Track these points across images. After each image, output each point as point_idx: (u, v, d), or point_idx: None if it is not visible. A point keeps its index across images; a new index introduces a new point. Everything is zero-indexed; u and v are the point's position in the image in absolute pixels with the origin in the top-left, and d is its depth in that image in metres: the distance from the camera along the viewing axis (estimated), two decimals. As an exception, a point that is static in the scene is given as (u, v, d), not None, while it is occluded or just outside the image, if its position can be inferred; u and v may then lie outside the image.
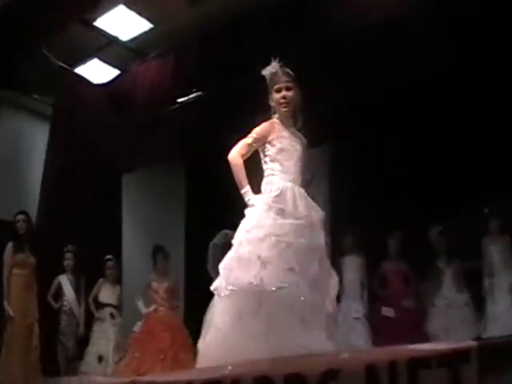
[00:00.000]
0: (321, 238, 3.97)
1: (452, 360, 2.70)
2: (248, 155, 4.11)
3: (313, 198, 4.14)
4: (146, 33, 8.43)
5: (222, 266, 3.96)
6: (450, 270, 7.37)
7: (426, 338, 6.81)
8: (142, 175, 9.53)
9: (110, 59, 9.09)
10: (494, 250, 7.07)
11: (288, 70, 4.21)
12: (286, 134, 4.15)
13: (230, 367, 3.20)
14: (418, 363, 2.75)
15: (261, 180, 4.16)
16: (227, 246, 5.77)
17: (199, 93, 8.13)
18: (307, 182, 4.48)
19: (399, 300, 7.41)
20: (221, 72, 7.69)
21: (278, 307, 3.65)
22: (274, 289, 3.66)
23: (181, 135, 8.52)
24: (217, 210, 8.62)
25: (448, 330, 6.95)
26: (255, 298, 3.69)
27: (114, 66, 9.19)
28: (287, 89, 4.15)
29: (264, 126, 4.16)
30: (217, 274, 4.08)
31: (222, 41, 7.82)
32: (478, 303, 7.03)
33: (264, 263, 3.75)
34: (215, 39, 7.93)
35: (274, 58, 4.20)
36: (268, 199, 3.95)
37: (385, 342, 6.19)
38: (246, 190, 4.00)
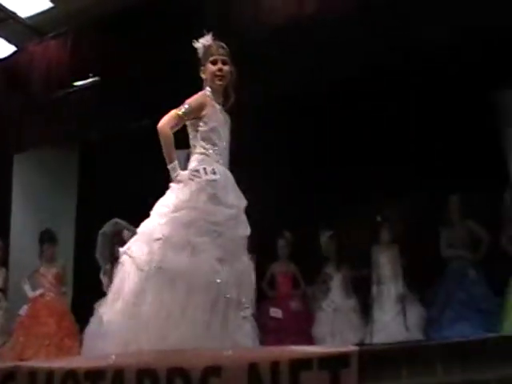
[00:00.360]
0: (247, 230, 3.83)
1: (332, 363, 2.77)
2: (177, 128, 3.91)
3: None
4: (45, 11, 8.13)
5: (144, 237, 3.74)
6: (339, 276, 7.46)
7: (312, 341, 6.93)
8: (35, 158, 9.25)
9: (7, 35, 8.75)
10: (383, 259, 7.20)
11: (223, 44, 4.09)
12: (218, 110, 3.99)
13: (113, 357, 3.17)
14: (300, 364, 2.81)
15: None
16: (117, 234, 5.75)
17: (96, 78, 7.95)
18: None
19: (287, 302, 7.47)
20: (119, 57, 7.53)
21: (203, 300, 3.51)
22: (204, 280, 3.52)
23: (76, 119, 8.30)
24: (109, 198, 8.50)
25: (334, 334, 7.04)
26: (182, 285, 3.51)
27: (11, 42, 8.86)
28: (223, 62, 4.02)
29: (197, 98, 3.97)
30: (105, 261, 4.00)
31: (123, 25, 7.66)
32: (366, 310, 7.14)
33: (195, 249, 3.58)
34: (115, 23, 7.76)
35: (208, 32, 4.09)
36: (202, 181, 3.77)
37: (272, 342, 6.24)
38: (174, 165, 3.82)
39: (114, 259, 4.33)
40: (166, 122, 3.85)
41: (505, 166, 7.04)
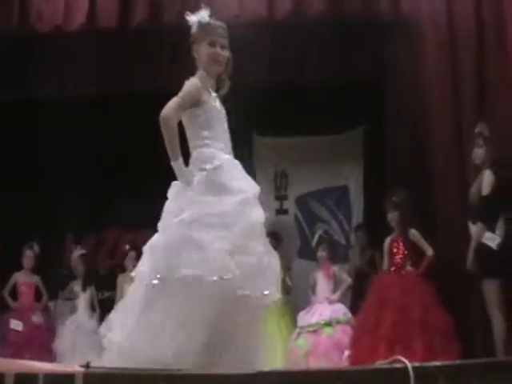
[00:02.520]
0: (261, 216, 3.39)
1: (58, 381, 2.74)
2: (179, 119, 3.42)
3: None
4: None
5: (150, 249, 3.35)
6: (85, 295, 7.52)
7: (52, 356, 6.90)
8: None
9: None
10: (127, 288, 7.27)
11: (225, 25, 3.65)
12: (214, 96, 3.56)
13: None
14: (25, 379, 2.73)
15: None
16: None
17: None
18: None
19: (29, 314, 7.31)
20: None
21: (212, 301, 3.15)
22: (214, 278, 3.11)
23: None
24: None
25: (75, 352, 7.00)
26: (189, 289, 3.15)
27: None
28: (222, 47, 3.57)
29: (195, 83, 3.50)
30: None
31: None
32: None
33: (199, 246, 3.18)
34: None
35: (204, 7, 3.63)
36: (203, 173, 3.36)
37: (12, 355, 6.13)
38: (180, 162, 3.38)
39: None
40: (171, 112, 3.36)
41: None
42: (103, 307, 7.55)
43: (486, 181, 5.24)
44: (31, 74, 7.32)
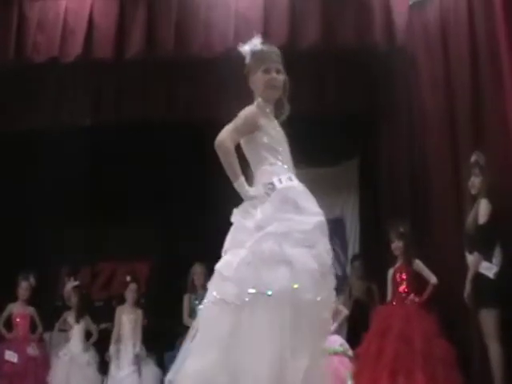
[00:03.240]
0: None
1: None
2: (235, 144, 3.36)
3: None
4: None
5: (228, 271, 3.17)
6: (79, 326, 7.47)
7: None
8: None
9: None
10: (125, 319, 7.36)
11: (278, 51, 3.59)
12: (273, 119, 3.53)
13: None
14: None
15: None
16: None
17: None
18: None
19: (24, 345, 7.25)
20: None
21: (311, 320, 3.04)
22: (310, 297, 3.02)
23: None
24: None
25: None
26: (287, 310, 3.01)
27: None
28: (277, 71, 3.52)
29: (251, 109, 3.46)
30: None
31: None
32: (104, 364, 7.30)
33: (292, 263, 3.06)
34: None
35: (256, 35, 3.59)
36: (280, 191, 3.28)
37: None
38: (242, 181, 3.29)
39: None
40: (225, 136, 3.32)
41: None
42: (100, 338, 7.58)
43: (483, 210, 5.23)
44: (26, 106, 7.35)
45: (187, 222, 8.06)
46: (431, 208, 6.41)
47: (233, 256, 3.23)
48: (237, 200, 3.41)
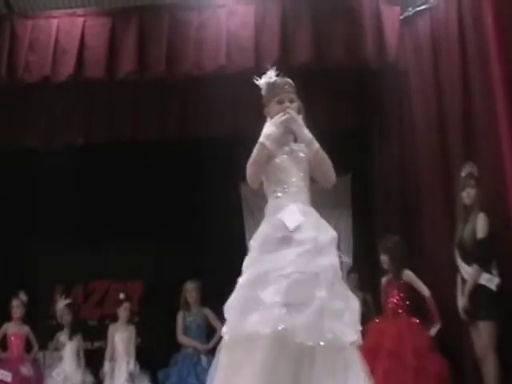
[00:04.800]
0: (328, 260, 3.36)
1: None
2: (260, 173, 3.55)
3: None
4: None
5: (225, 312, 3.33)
6: (72, 345, 7.44)
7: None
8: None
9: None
10: (118, 337, 7.35)
11: (291, 81, 3.74)
12: (285, 150, 3.63)
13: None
14: None
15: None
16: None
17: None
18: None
19: (18, 365, 7.23)
20: None
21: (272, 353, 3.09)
22: (267, 331, 3.09)
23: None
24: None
25: None
26: (247, 346, 3.13)
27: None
28: (290, 101, 3.65)
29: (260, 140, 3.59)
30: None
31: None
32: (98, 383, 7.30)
33: (259, 303, 3.18)
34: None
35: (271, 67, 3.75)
36: (268, 228, 3.46)
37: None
38: None
39: None
40: (247, 168, 3.51)
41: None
42: (93, 357, 7.56)
43: (481, 224, 5.26)
44: (17, 125, 7.39)
45: (180, 240, 8.07)
46: (423, 221, 6.44)
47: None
48: (229, 216, 3.48)
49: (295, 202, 3.56)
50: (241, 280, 3.35)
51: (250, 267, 3.38)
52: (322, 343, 3.11)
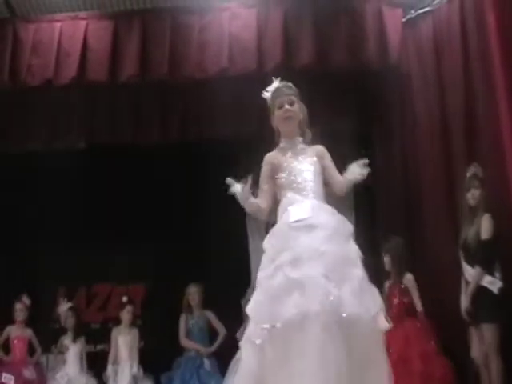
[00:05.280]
0: (354, 246, 3.52)
1: None
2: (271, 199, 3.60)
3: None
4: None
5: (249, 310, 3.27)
6: (75, 348, 7.43)
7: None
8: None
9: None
10: (121, 340, 7.35)
11: (290, 84, 3.75)
12: (290, 153, 3.64)
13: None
14: None
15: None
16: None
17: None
18: None
19: (21, 368, 7.23)
20: None
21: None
22: (316, 307, 3.01)
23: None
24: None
25: None
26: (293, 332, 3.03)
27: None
28: (290, 103, 3.65)
29: (265, 161, 3.69)
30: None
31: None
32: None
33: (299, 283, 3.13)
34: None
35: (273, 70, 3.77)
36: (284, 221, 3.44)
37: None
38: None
39: None
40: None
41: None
42: (96, 360, 7.57)
43: (486, 225, 5.27)
44: (19, 128, 7.39)
45: (183, 243, 8.05)
46: (426, 222, 6.43)
47: (254, 295, 3.34)
48: (231, 219, 3.47)
49: (308, 198, 3.54)
50: (262, 273, 3.32)
51: (276, 256, 3.31)
52: (367, 317, 3.14)
